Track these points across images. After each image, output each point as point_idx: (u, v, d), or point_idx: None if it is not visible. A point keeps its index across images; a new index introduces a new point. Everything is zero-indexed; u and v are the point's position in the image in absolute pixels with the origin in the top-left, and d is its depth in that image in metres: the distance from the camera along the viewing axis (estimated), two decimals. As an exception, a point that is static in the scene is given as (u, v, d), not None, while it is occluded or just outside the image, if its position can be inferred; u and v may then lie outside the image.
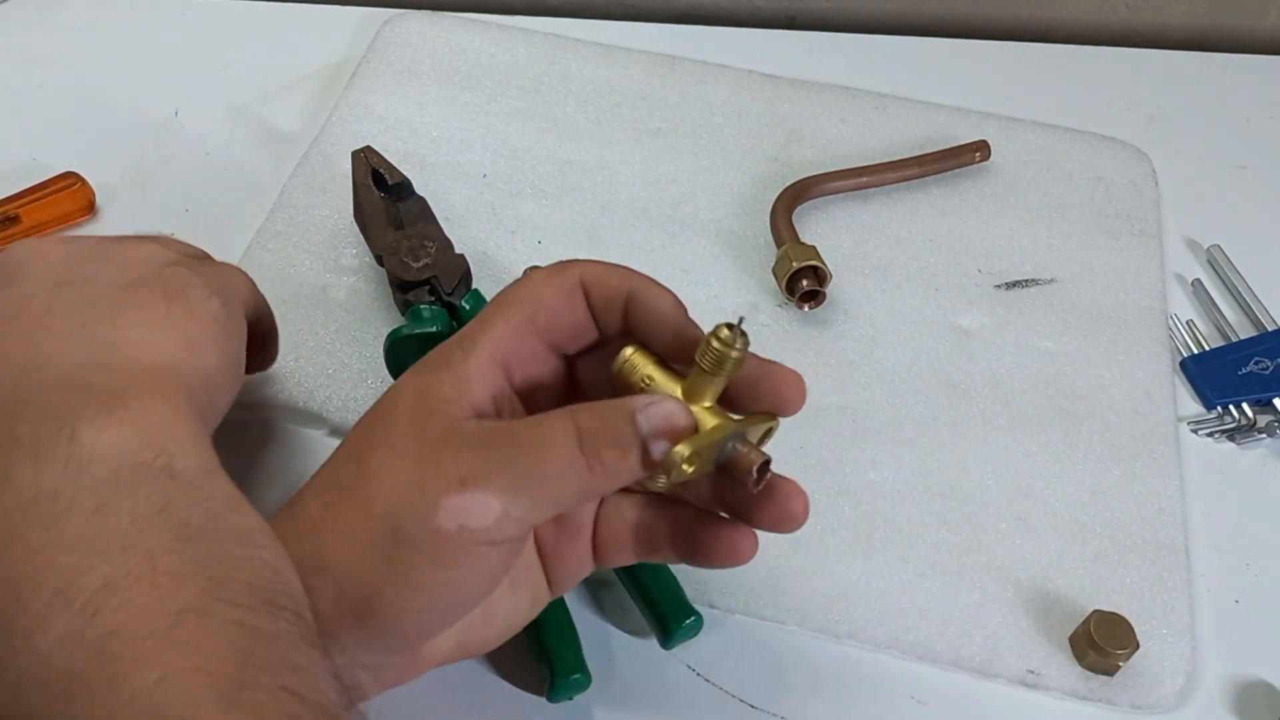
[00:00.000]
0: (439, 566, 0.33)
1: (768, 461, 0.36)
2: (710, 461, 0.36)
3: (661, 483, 0.36)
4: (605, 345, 0.39)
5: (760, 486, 0.36)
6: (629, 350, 0.38)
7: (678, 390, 0.37)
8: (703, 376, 0.36)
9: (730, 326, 0.35)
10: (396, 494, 0.34)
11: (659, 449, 0.34)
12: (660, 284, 0.39)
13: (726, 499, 0.40)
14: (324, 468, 0.37)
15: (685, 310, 0.38)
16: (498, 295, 0.39)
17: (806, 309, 0.61)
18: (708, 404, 0.36)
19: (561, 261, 0.39)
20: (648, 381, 0.37)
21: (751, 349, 0.35)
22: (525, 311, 0.37)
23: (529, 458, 0.34)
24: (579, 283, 0.38)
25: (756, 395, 0.37)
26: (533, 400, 0.39)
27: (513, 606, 0.40)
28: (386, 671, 0.36)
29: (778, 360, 0.37)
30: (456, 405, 0.35)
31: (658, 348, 0.38)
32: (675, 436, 0.34)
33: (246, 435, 0.54)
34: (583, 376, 0.40)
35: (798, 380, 0.37)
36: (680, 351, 0.37)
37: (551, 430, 0.34)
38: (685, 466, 0.34)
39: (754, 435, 0.38)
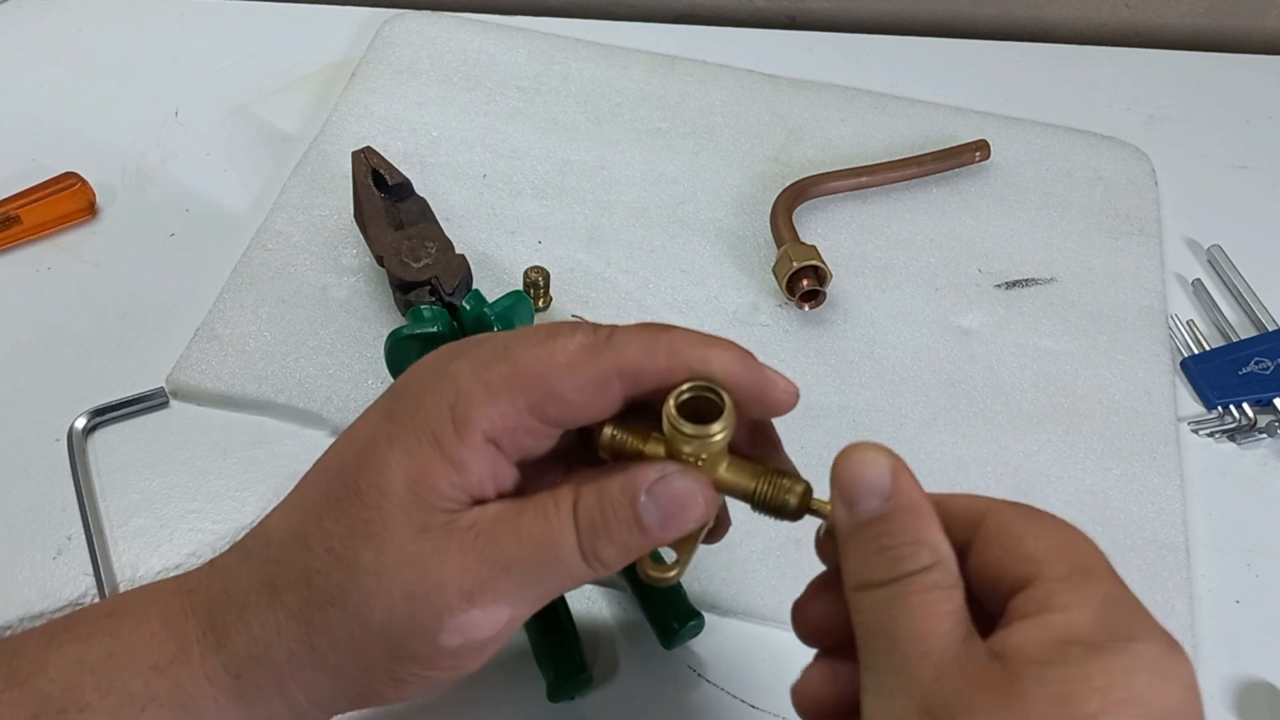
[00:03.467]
0: (441, 671, 0.33)
1: (809, 490, 0.34)
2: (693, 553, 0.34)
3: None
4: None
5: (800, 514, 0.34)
6: (608, 431, 0.34)
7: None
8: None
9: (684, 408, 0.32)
10: (397, 608, 0.31)
11: (670, 537, 0.32)
12: (717, 342, 0.33)
13: None
14: (291, 545, 0.33)
15: (757, 364, 0.34)
16: (510, 346, 0.33)
17: (806, 309, 0.61)
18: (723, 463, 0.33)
19: (595, 339, 0.33)
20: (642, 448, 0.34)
21: (750, 348, 0.34)
22: (533, 396, 0.32)
23: (536, 563, 0.32)
24: (614, 375, 0.32)
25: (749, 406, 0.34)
26: (530, 466, 0.35)
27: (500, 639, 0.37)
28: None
29: (778, 360, 0.37)
30: (453, 498, 0.32)
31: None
32: (688, 522, 0.32)
33: (246, 435, 0.54)
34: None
35: (791, 391, 0.34)
36: (765, 410, 0.34)
37: (554, 528, 0.32)
38: (669, 579, 0.33)
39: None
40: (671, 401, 0.32)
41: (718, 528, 0.37)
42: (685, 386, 0.32)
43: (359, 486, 0.32)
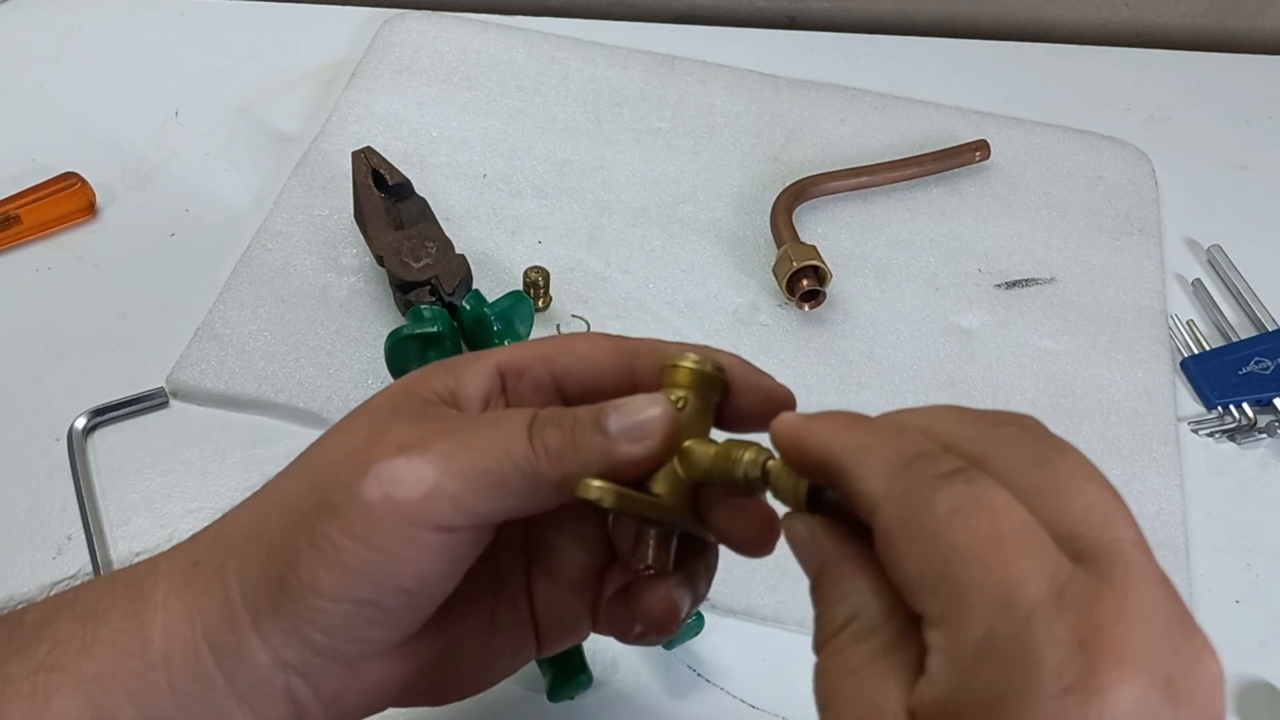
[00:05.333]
0: (358, 542, 0.29)
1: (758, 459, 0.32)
2: (639, 509, 0.31)
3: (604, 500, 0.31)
4: None
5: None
6: None
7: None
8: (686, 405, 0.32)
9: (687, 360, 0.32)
10: (339, 457, 0.31)
11: (630, 450, 0.30)
12: (721, 350, 0.33)
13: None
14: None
15: (755, 368, 0.34)
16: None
17: (806, 309, 0.61)
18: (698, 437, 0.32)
19: (622, 335, 0.35)
20: None
21: (749, 351, 0.34)
22: (551, 348, 0.34)
23: (474, 429, 0.31)
24: (627, 352, 0.34)
25: (746, 412, 0.33)
26: None
27: (486, 648, 0.35)
28: (323, 682, 0.32)
29: (778, 359, 0.36)
30: (439, 394, 0.33)
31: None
32: (644, 432, 0.30)
33: (246, 435, 0.54)
34: None
35: (788, 401, 0.33)
36: (757, 400, 0.33)
37: (515, 411, 0.32)
38: (597, 494, 0.30)
39: (689, 522, 0.33)
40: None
41: (660, 602, 0.33)
42: (689, 356, 0.33)
43: (375, 396, 0.34)
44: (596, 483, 0.30)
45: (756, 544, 0.32)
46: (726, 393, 0.33)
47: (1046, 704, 0.21)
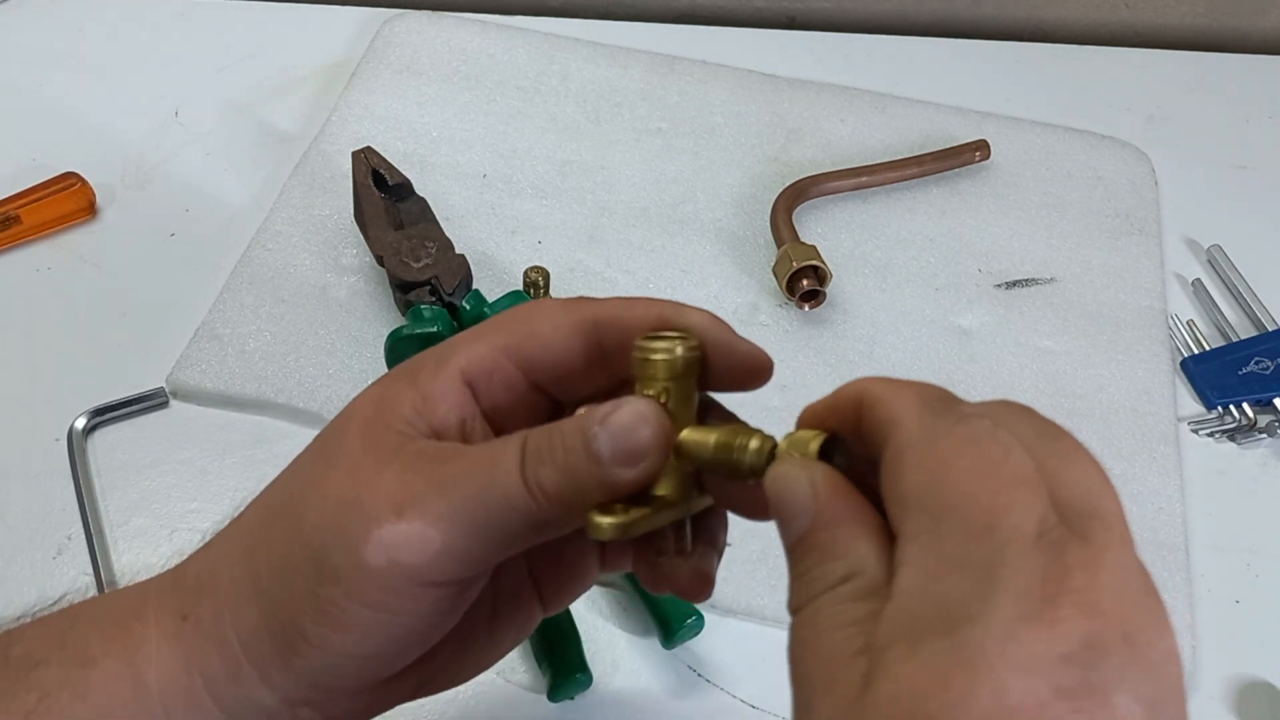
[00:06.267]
0: (368, 607, 0.29)
1: (766, 447, 0.30)
2: (653, 525, 0.30)
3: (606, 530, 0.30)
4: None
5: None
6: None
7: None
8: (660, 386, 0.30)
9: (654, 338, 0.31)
10: (329, 513, 0.30)
11: (628, 475, 0.29)
12: (690, 307, 0.32)
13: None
14: (272, 481, 0.33)
15: (729, 327, 0.32)
16: (498, 314, 0.34)
17: (806, 309, 0.61)
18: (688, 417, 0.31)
19: (578, 297, 0.33)
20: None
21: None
22: (512, 337, 0.32)
23: (470, 482, 0.29)
24: (589, 323, 0.32)
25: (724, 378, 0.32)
26: (504, 431, 0.33)
27: (492, 631, 0.35)
28: (332, 707, 0.32)
29: (778, 359, 0.35)
30: (413, 424, 0.31)
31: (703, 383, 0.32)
32: (638, 450, 0.29)
33: (246, 435, 0.54)
34: None
35: (766, 363, 0.32)
36: (733, 367, 0.31)
37: (500, 453, 0.29)
38: (609, 534, 0.29)
39: (700, 503, 0.33)
40: (639, 340, 0.31)
41: (691, 578, 0.33)
42: (652, 332, 0.31)
43: (335, 421, 0.32)
44: (606, 521, 0.29)
45: (766, 511, 0.31)
46: (704, 363, 0.31)
47: (1003, 624, 0.21)
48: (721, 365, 0.31)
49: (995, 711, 0.20)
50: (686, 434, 0.31)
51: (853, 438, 0.28)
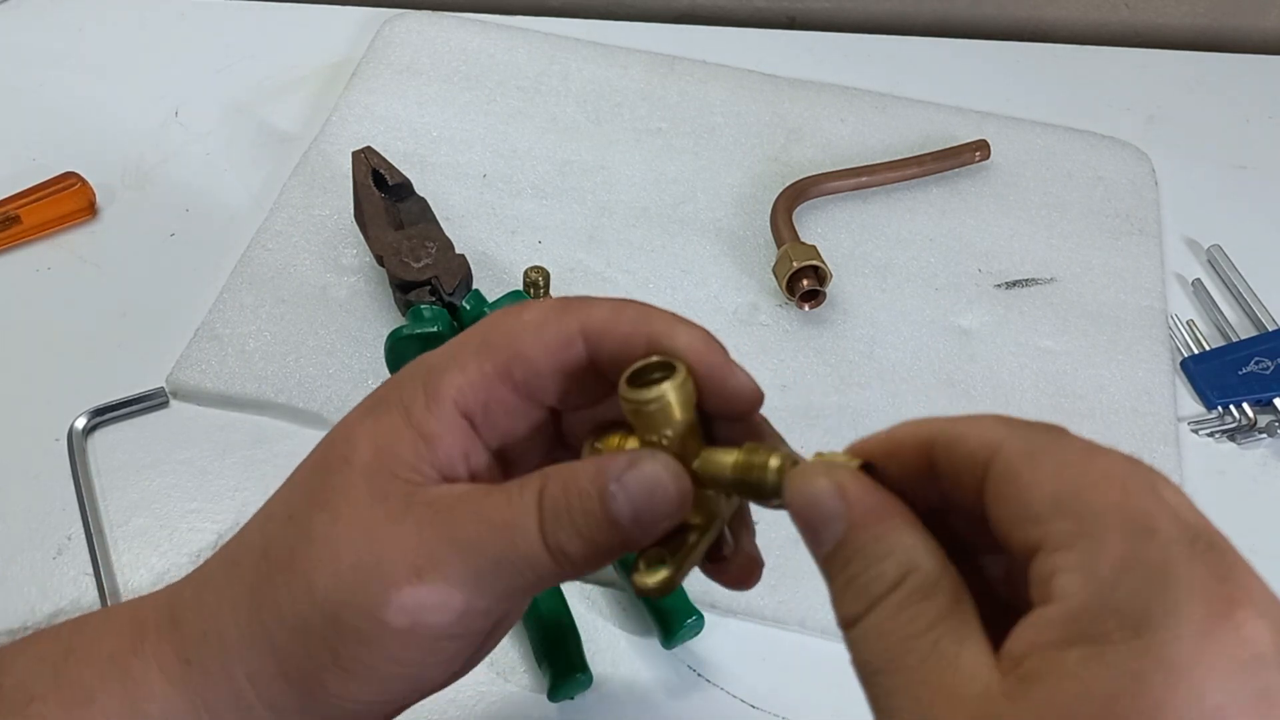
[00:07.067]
0: (390, 663, 0.29)
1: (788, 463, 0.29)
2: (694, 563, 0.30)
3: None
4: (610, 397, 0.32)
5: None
6: (589, 441, 0.32)
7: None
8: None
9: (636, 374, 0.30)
10: (344, 575, 0.29)
11: (652, 536, 0.29)
12: (686, 321, 0.31)
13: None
14: (260, 520, 0.32)
15: (723, 350, 0.31)
16: (481, 323, 0.33)
17: (806, 309, 0.61)
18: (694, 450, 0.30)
19: (564, 301, 0.32)
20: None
21: (749, 351, 0.33)
22: (500, 359, 0.31)
23: (493, 545, 0.29)
24: (578, 334, 0.31)
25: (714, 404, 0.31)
26: (508, 452, 0.33)
27: (494, 639, 0.35)
28: None
29: (778, 359, 0.35)
30: (418, 470, 0.30)
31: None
32: (660, 514, 0.29)
33: (246, 435, 0.54)
34: (569, 429, 0.34)
35: (751, 386, 0.31)
36: (723, 403, 0.31)
37: (515, 511, 0.29)
38: (658, 593, 0.29)
39: (729, 507, 0.32)
40: (625, 374, 0.30)
41: (740, 568, 0.33)
42: (642, 362, 0.30)
43: (328, 457, 0.31)
44: (653, 581, 0.29)
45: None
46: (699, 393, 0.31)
47: (1195, 623, 0.21)
48: (710, 398, 0.31)
49: (1196, 714, 0.20)
50: (701, 462, 0.30)
51: (921, 478, 0.27)
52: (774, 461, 0.29)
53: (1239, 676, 0.21)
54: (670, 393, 0.29)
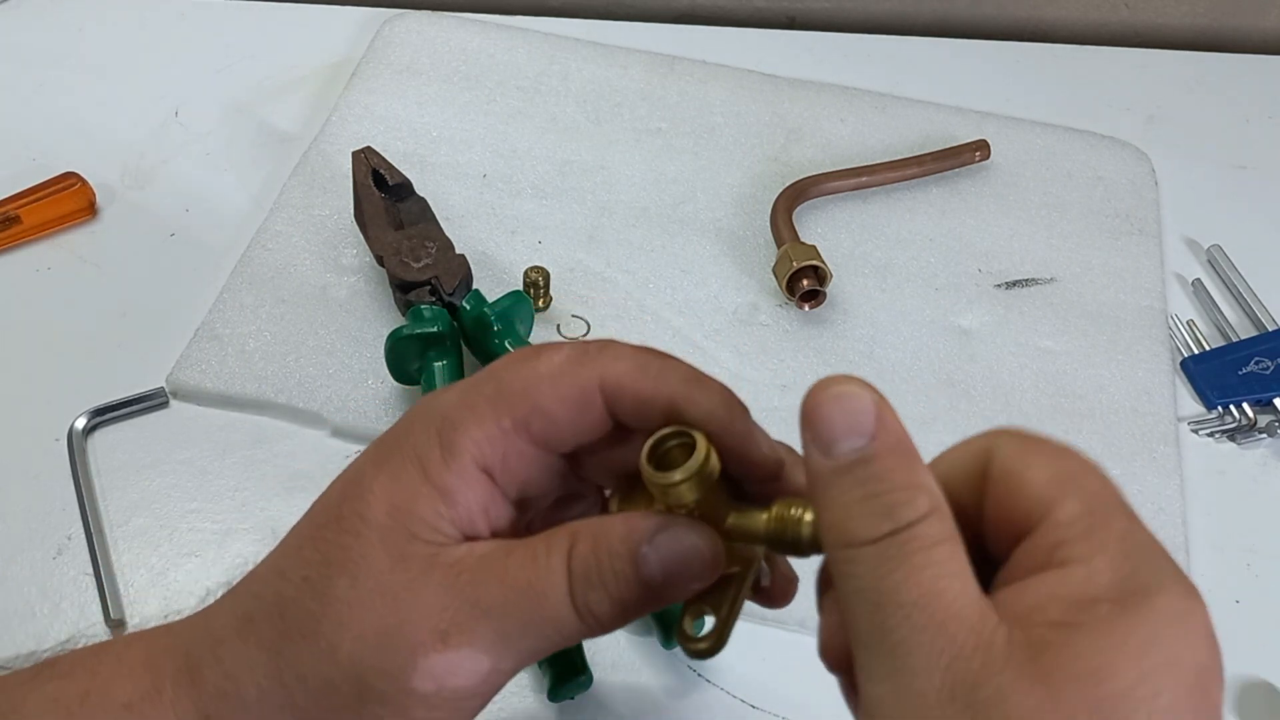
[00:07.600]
0: None
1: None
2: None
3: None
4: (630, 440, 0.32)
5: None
6: (613, 500, 0.32)
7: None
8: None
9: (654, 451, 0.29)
10: (368, 640, 0.29)
11: (675, 594, 0.29)
12: (707, 382, 0.31)
13: None
14: (272, 576, 0.31)
15: (745, 414, 0.31)
16: (495, 368, 0.32)
17: (806, 309, 0.61)
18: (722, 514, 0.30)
19: (582, 349, 0.31)
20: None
21: (749, 351, 0.33)
22: (518, 413, 0.31)
23: (520, 609, 0.29)
24: (596, 389, 0.31)
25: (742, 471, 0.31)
26: (527, 500, 0.33)
27: None
28: None
29: (778, 359, 0.35)
30: (438, 529, 0.30)
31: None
32: (693, 576, 0.29)
33: (246, 435, 0.54)
34: (588, 473, 0.34)
35: (773, 458, 0.31)
36: (745, 471, 0.31)
37: (543, 573, 0.29)
38: (708, 656, 0.29)
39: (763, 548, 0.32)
40: (646, 446, 0.30)
41: (778, 589, 0.33)
42: (662, 432, 0.30)
43: (341, 514, 0.31)
44: (702, 646, 0.30)
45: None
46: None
47: (1180, 595, 0.24)
48: (732, 465, 0.31)
49: (1190, 663, 0.23)
50: (733, 521, 0.30)
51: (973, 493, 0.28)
52: (809, 516, 0.28)
53: (1208, 629, 0.24)
54: (692, 474, 0.29)
